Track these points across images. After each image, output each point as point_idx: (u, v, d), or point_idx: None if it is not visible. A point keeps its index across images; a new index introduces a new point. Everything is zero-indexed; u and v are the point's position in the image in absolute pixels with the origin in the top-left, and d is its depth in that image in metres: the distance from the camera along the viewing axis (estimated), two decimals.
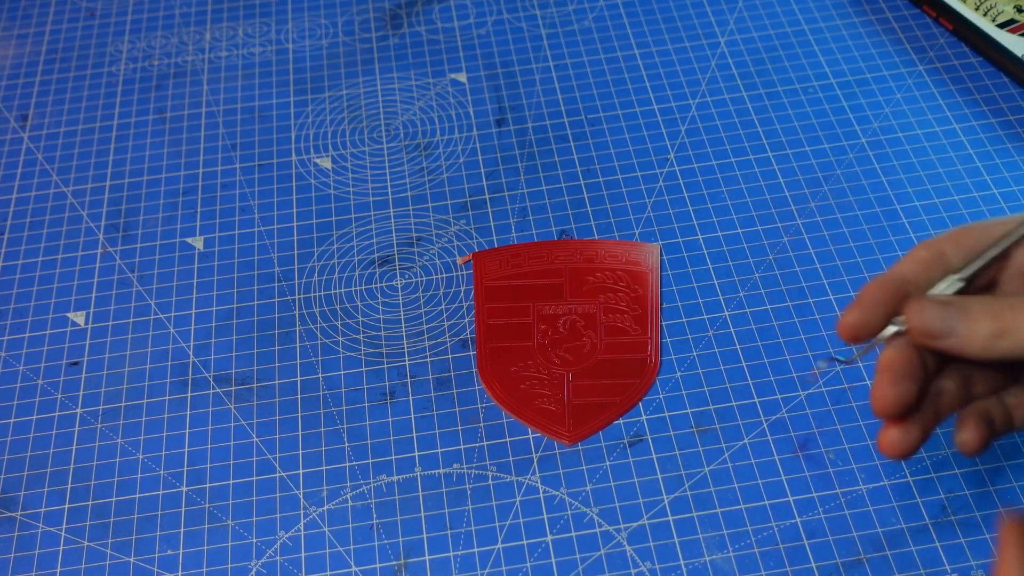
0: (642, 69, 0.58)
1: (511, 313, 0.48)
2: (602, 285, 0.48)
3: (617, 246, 0.49)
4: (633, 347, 0.46)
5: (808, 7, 0.61)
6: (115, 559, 0.42)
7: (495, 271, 0.49)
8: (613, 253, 0.49)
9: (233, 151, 0.56)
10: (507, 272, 0.49)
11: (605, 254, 0.49)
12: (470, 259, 0.48)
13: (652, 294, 0.48)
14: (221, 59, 0.61)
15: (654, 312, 0.47)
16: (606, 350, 0.46)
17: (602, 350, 0.46)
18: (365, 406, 0.46)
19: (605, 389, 0.45)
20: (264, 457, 0.44)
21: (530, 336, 0.47)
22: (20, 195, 0.55)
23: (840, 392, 0.44)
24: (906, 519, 0.41)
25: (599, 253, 0.49)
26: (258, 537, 0.42)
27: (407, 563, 0.41)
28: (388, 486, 0.43)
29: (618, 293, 0.48)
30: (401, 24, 0.62)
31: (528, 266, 0.49)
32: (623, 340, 0.46)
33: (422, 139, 0.56)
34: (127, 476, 0.44)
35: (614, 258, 0.49)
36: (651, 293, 0.48)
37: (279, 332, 0.48)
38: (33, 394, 0.47)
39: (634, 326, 0.47)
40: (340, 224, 0.52)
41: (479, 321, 0.47)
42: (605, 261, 0.49)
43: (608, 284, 0.48)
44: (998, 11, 0.57)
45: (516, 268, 0.49)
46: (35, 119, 0.59)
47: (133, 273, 0.51)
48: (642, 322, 0.47)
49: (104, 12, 0.65)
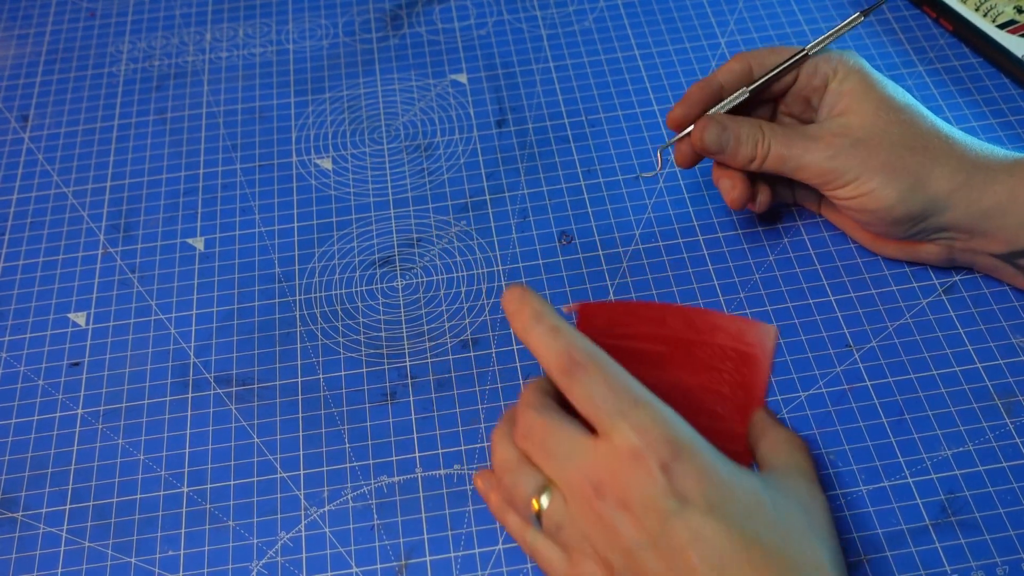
0: (642, 69, 0.58)
1: None
2: (708, 362, 0.43)
3: (732, 322, 0.43)
4: (729, 437, 0.41)
5: (808, 7, 0.61)
6: (116, 560, 0.42)
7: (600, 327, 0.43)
8: (727, 329, 0.43)
9: (234, 152, 0.56)
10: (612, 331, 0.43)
11: (718, 328, 0.44)
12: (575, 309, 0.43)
13: (759, 382, 0.42)
14: (221, 60, 0.61)
15: (758, 403, 0.42)
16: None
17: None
18: (366, 407, 0.46)
19: None
20: (265, 458, 0.44)
21: None
22: (21, 196, 0.55)
23: (840, 393, 0.44)
24: (906, 520, 0.41)
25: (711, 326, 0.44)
26: (259, 538, 0.42)
27: (408, 564, 0.41)
28: (389, 487, 0.43)
29: (723, 374, 0.43)
30: (401, 25, 0.62)
31: (635, 328, 0.43)
32: (719, 427, 0.42)
33: (423, 140, 0.56)
34: (128, 477, 0.44)
35: (727, 334, 0.43)
36: (758, 380, 0.42)
37: (280, 333, 0.48)
38: (34, 395, 0.47)
39: (734, 414, 0.42)
40: (341, 225, 0.52)
41: None
42: (716, 336, 0.44)
43: (715, 363, 0.43)
44: (998, 12, 0.57)
45: (623, 327, 0.43)
46: (35, 120, 0.59)
47: (134, 274, 0.51)
48: (744, 412, 0.42)
49: (104, 12, 0.65)
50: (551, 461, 0.33)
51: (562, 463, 0.33)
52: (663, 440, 0.32)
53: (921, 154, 0.41)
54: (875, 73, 0.44)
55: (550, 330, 0.34)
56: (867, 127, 0.42)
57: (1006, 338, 0.45)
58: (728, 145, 0.44)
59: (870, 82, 0.43)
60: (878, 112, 0.42)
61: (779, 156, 0.43)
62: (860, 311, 0.47)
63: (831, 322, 0.47)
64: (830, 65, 0.44)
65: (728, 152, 0.44)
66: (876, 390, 0.44)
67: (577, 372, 0.33)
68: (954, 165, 0.41)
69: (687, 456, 0.32)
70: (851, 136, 0.42)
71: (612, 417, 0.32)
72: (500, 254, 0.51)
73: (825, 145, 0.42)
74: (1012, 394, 0.44)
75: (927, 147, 0.42)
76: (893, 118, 0.42)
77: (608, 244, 0.50)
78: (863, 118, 0.42)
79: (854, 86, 0.43)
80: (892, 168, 0.41)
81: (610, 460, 0.32)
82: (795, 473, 0.36)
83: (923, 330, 0.46)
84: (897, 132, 0.42)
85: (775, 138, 0.43)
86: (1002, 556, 0.39)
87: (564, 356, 0.33)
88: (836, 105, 0.44)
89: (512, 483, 0.35)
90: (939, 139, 0.42)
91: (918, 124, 0.42)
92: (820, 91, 0.45)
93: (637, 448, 0.31)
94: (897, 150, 0.41)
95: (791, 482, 0.35)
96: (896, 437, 0.43)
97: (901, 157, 0.41)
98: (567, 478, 0.33)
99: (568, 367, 0.33)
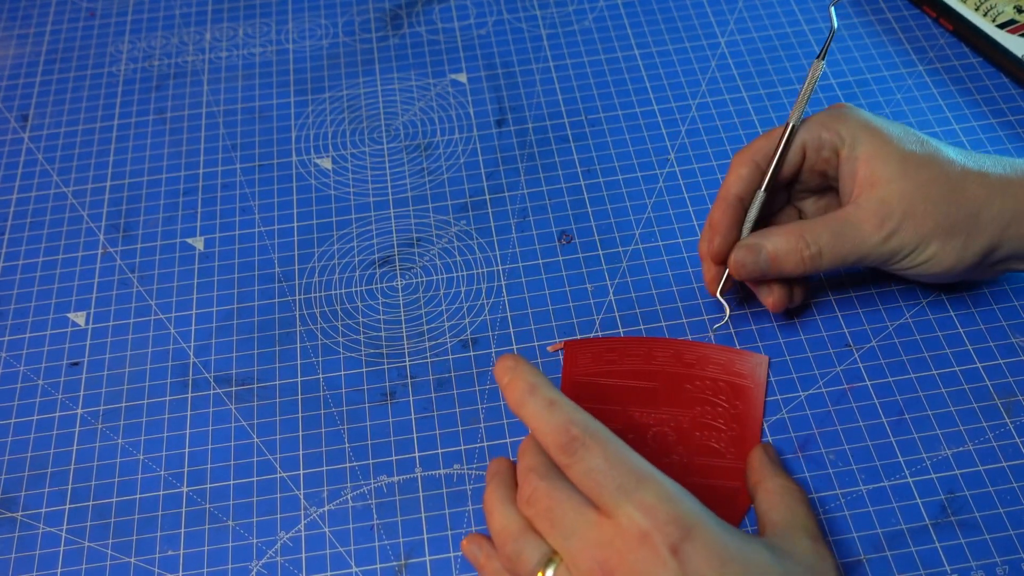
0: (642, 69, 0.58)
1: (599, 416, 0.42)
2: (700, 396, 0.43)
3: (722, 352, 0.44)
4: (726, 473, 0.41)
5: (808, 7, 0.61)
6: (116, 560, 0.42)
7: (587, 365, 0.43)
8: (717, 361, 0.44)
9: (233, 151, 0.56)
10: (600, 368, 0.44)
11: (708, 360, 0.44)
12: (561, 347, 0.43)
13: (754, 413, 0.43)
14: (221, 59, 0.61)
15: (753, 436, 0.42)
16: (695, 472, 0.42)
17: (690, 471, 0.42)
18: (366, 406, 0.46)
19: None
20: (265, 457, 0.44)
21: None
22: (20, 195, 0.55)
23: (840, 393, 0.44)
24: (906, 520, 0.41)
25: (701, 358, 0.44)
26: (259, 538, 0.42)
27: (408, 564, 0.41)
28: (389, 487, 0.43)
29: (717, 407, 0.43)
30: (401, 24, 0.62)
31: (623, 364, 0.43)
32: (716, 463, 0.42)
33: (422, 139, 0.56)
34: (128, 477, 0.44)
35: (717, 366, 0.43)
36: (753, 412, 0.43)
37: (279, 332, 0.48)
38: (34, 394, 0.47)
39: (730, 448, 0.42)
40: (340, 224, 0.52)
41: None
42: (707, 368, 0.44)
43: (707, 395, 0.43)
44: (998, 11, 0.57)
45: (610, 364, 0.44)
46: (35, 119, 0.59)
47: (133, 273, 0.51)
48: (739, 445, 0.42)
49: (104, 12, 0.65)
50: (556, 532, 0.32)
51: (568, 537, 0.32)
52: (670, 519, 0.31)
53: (966, 205, 0.40)
54: (878, 122, 0.42)
55: (546, 404, 0.33)
56: (907, 195, 0.40)
57: (1006, 338, 0.45)
58: (769, 267, 0.41)
59: (882, 139, 0.41)
60: (907, 174, 0.40)
61: (836, 256, 0.41)
62: (860, 310, 0.47)
63: (831, 321, 0.47)
64: (833, 133, 0.42)
65: (773, 272, 0.42)
66: (876, 390, 0.44)
67: (576, 449, 0.32)
68: (998, 204, 0.40)
69: (696, 535, 0.31)
70: (895, 211, 0.40)
71: (615, 496, 0.31)
72: (500, 254, 0.51)
73: (875, 228, 0.40)
74: (1012, 394, 0.44)
75: (967, 195, 0.40)
76: (925, 176, 0.40)
77: (608, 244, 0.50)
78: (898, 186, 0.40)
79: (868, 149, 0.41)
80: (944, 230, 0.40)
81: (617, 541, 0.31)
82: (799, 532, 0.35)
83: (923, 330, 0.46)
84: (936, 191, 0.40)
85: (822, 238, 0.41)
86: (1002, 556, 0.39)
87: (562, 432, 0.32)
88: (858, 174, 0.41)
89: (515, 553, 0.33)
90: (974, 179, 0.41)
91: (949, 171, 0.41)
92: (833, 162, 0.43)
93: (645, 530, 0.31)
94: (942, 208, 0.40)
95: (798, 546, 0.34)
96: (896, 437, 0.43)
97: (948, 216, 0.40)
98: (573, 554, 0.32)
99: (566, 444, 0.32)
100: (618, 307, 0.48)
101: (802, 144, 0.43)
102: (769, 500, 0.38)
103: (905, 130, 0.42)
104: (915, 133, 0.42)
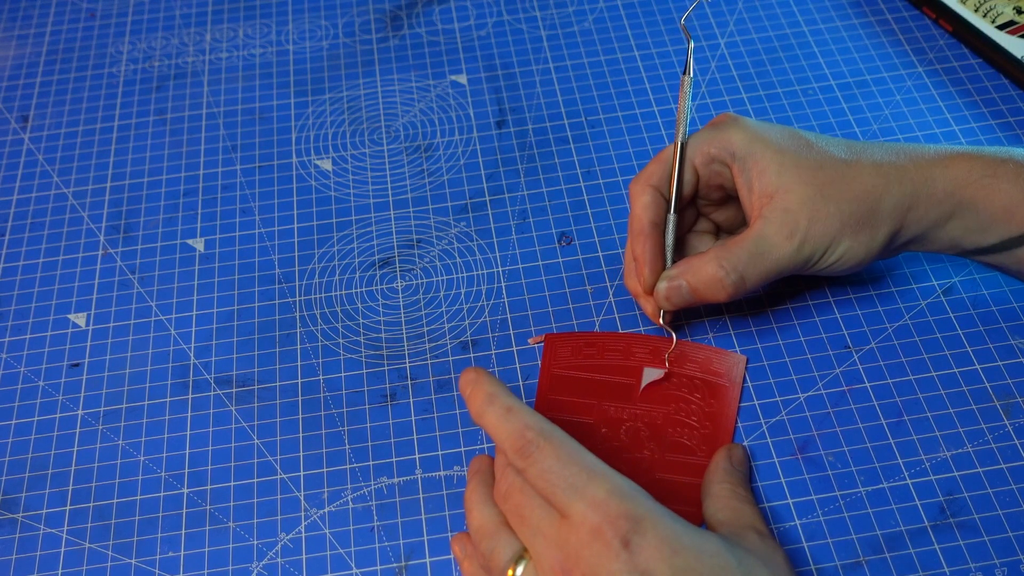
0: (642, 70, 0.58)
1: (574, 409, 0.44)
2: (675, 392, 0.43)
3: (700, 351, 0.44)
4: (696, 470, 0.42)
5: (808, 9, 0.61)
6: (116, 561, 0.42)
7: (566, 359, 0.44)
8: (695, 359, 0.44)
9: (233, 152, 0.56)
10: (579, 362, 0.44)
11: (686, 358, 0.44)
12: (542, 341, 0.44)
13: (728, 412, 0.43)
14: (221, 60, 0.61)
15: (725, 435, 0.42)
16: (665, 468, 0.42)
17: (660, 467, 0.42)
18: (366, 408, 0.46)
19: None
20: (265, 459, 0.45)
21: (589, 439, 0.43)
22: (21, 196, 0.55)
23: (840, 394, 0.44)
24: (905, 522, 0.41)
25: (679, 355, 0.44)
26: (259, 539, 0.42)
27: (408, 565, 0.41)
28: (389, 488, 0.43)
29: (691, 404, 0.43)
30: (401, 25, 0.62)
31: (602, 358, 0.44)
32: (687, 460, 0.42)
33: (422, 141, 0.56)
34: (128, 478, 0.44)
35: (694, 364, 0.44)
36: (727, 412, 0.43)
37: (280, 334, 0.49)
38: (34, 396, 0.47)
39: (701, 446, 0.42)
40: (341, 226, 0.52)
41: (539, 410, 0.44)
42: (685, 366, 0.44)
43: (683, 392, 0.43)
44: (998, 12, 0.57)
45: (589, 359, 0.44)
46: (35, 120, 0.59)
47: (134, 275, 0.51)
48: (710, 443, 0.42)
49: (104, 13, 0.65)
50: (525, 529, 0.34)
51: (534, 535, 0.33)
52: (620, 513, 0.32)
53: (866, 198, 0.41)
54: (763, 130, 0.42)
55: (503, 411, 0.34)
56: (808, 201, 0.40)
57: (1005, 340, 0.45)
58: (694, 299, 0.42)
59: (771, 149, 0.41)
60: (804, 179, 0.41)
61: (758, 276, 0.41)
62: (859, 312, 0.47)
63: (830, 323, 0.47)
64: (719, 148, 0.42)
65: (697, 300, 0.42)
66: (875, 391, 0.44)
67: (531, 452, 0.33)
68: (896, 191, 0.41)
69: (646, 527, 0.32)
70: (800, 218, 0.40)
71: (567, 494, 0.32)
72: (500, 255, 0.51)
73: (786, 240, 0.41)
74: (1011, 396, 0.44)
75: (865, 188, 0.41)
76: (822, 178, 0.41)
77: (608, 244, 0.50)
78: (798, 194, 0.40)
79: (760, 162, 0.41)
80: (850, 227, 0.41)
81: (572, 539, 0.32)
82: (747, 530, 0.36)
83: (922, 331, 0.46)
84: (835, 191, 0.41)
85: (741, 262, 0.41)
86: (1001, 558, 0.39)
87: (517, 436, 0.34)
88: (754, 187, 0.41)
89: (489, 549, 0.35)
90: (869, 171, 0.41)
91: (844, 168, 0.41)
92: (727, 175, 0.43)
93: (595, 524, 0.31)
94: (844, 206, 0.40)
95: (746, 541, 0.35)
96: (895, 438, 0.43)
97: (852, 212, 0.40)
98: (539, 553, 0.33)
99: (521, 447, 0.33)
100: (618, 308, 0.48)
101: (692, 163, 0.43)
102: (716, 503, 0.39)
103: (791, 133, 0.42)
104: (799, 134, 0.42)
